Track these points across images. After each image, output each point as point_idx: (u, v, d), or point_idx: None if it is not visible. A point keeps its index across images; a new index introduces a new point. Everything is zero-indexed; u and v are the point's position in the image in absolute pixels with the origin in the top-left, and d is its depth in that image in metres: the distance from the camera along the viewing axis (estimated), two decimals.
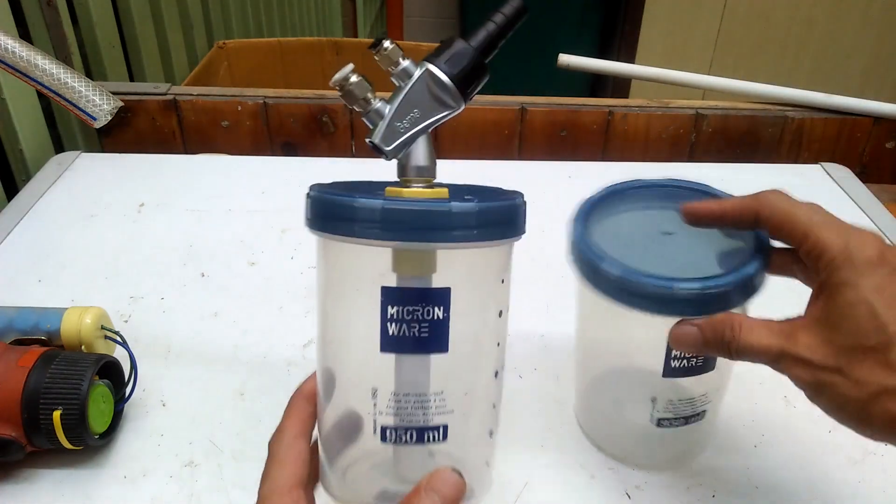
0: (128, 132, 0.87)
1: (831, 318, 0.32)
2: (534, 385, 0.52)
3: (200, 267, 0.64)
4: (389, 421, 0.31)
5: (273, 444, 0.34)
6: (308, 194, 0.31)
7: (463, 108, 0.33)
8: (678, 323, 0.36)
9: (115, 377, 0.47)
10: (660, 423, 0.44)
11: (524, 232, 0.32)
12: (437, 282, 0.31)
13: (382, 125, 0.32)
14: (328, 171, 0.78)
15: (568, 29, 2.45)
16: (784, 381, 0.53)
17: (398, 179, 0.34)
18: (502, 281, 0.34)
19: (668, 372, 0.41)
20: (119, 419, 0.47)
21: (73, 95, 0.77)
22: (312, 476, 0.34)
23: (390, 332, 0.30)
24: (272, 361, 0.54)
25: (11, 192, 0.76)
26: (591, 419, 0.49)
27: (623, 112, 0.88)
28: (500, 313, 0.34)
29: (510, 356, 0.54)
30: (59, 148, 0.87)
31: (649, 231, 0.43)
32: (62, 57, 0.86)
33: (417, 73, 0.32)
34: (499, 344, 0.34)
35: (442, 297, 0.30)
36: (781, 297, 0.61)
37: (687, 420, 0.44)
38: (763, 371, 0.54)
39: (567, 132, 0.89)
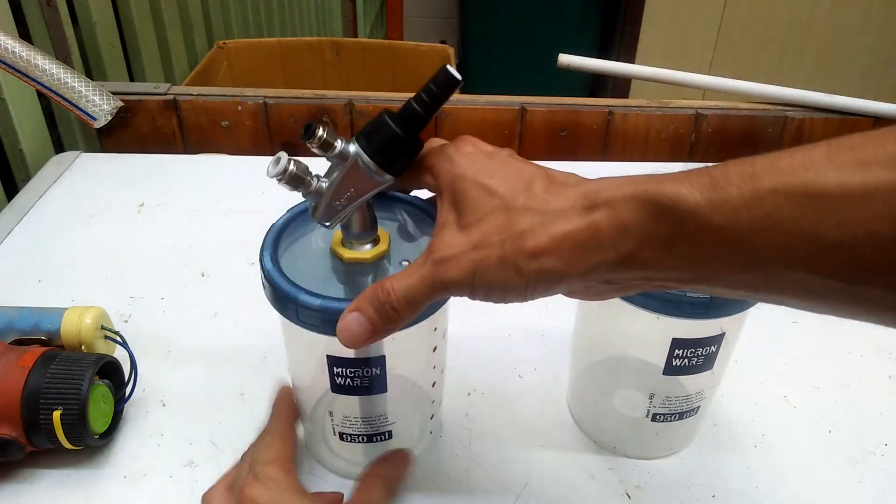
0: (128, 132, 0.87)
1: (455, 212, 0.32)
2: (534, 385, 0.52)
3: (200, 267, 0.64)
4: (345, 430, 0.42)
5: (273, 422, 0.42)
6: (261, 263, 0.36)
7: (395, 179, 0.35)
8: (341, 319, 0.32)
9: (115, 377, 0.47)
10: (655, 417, 0.44)
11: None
12: (374, 350, 0.37)
13: (322, 205, 0.35)
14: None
15: (568, 29, 2.46)
16: (784, 381, 0.53)
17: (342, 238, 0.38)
18: (435, 329, 0.40)
19: (669, 370, 0.41)
20: (119, 419, 0.47)
21: (73, 95, 0.77)
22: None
23: (337, 382, 0.38)
24: (272, 361, 0.54)
25: (11, 192, 0.76)
26: (584, 409, 0.49)
27: (623, 112, 0.88)
28: (435, 348, 0.41)
29: (510, 356, 0.55)
30: (59, 148, 0.87)
31: None
32: (62, 57, 0.86)
33: (350, 155, 0.34)
34: (434, 367, 0.42)
35: (378, 361, 0.37)
36: None
37: (682, 416, 0.44)
38: (763, 371, 0.55)
39: (567, 132, 0.89)
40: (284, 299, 0.34)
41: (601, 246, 0.27)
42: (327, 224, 0.36)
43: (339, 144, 0.34)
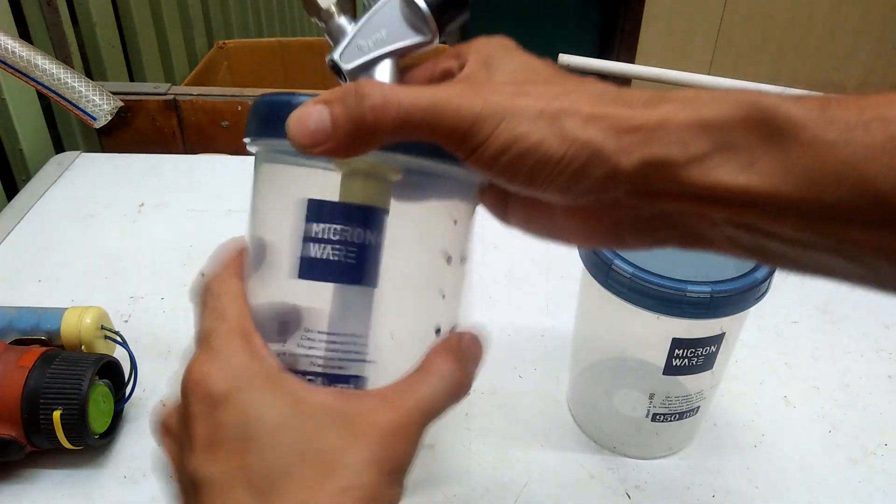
0: (128, 132, 0.87)
1: (487, 70, 0.26)
2: (534, 385, 0.52)
3: (200, 267, 0.64)
4: (305, 356, 0.27)
5: (213, 284, 0.29)
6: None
7: (436, 42, 0.29)
8: (298, 109, 0.23)
9: (115, 377, 0.47)
10: (655, 417, 0.44)
11: None
12: (374, 197, 0.27)
13: (344, 42, 0.29)
14: None
15: (568, 29, 2.46)
16: (784, 381, 0.53)
17: None
18: (455, 222, 0.29)
19: (669, 370, 0.41)
20: (119, 419, 0.47)
21: (73, 95, 0.77)
22: None
23: (312, 254, 0.26)
24: None
25: (11, 192, 0.76)
26: (584, 409, 0.49)
27: None
28: (450, 259, 0.29)
29: (510, 356, 0.55)
30: (59, 148, 0.87)
31: None
32: (62, 57, 0.86)
33: None
34: (444, 296, 0.29)
35: (375, 217, 0.26)
36: (789, 297, 0.61)
37: (682, 416, 0.44)
38: (763, 371, 0.55)
39: None
40: (278, 112, 0.24)
41: (667, 138, 0.21)
42: (347, 67, 0.28)
43: None
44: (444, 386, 0.26)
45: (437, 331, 0.29)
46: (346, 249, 0.26)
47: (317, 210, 0.26)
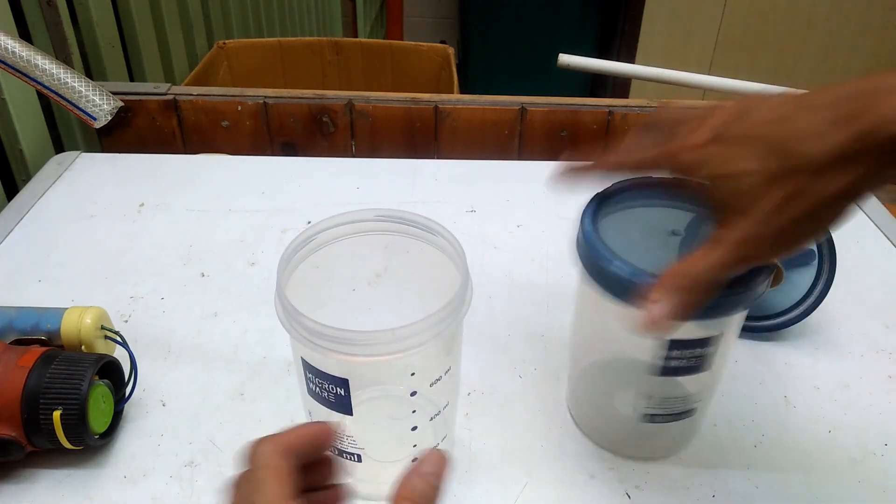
0: (128, 132, 0.87)
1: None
2: (534, 385, 0.52)
3: (200, 267, 0.64)
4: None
5: (255, 454, 0.29)
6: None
7: None
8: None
9: (115, 377, 0.47)
10: (653, 418, 0.44)
11: None
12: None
13: None
14: (328, 171, 0.78)
15: (568, 29, 2.45)
16: (784, 381, 0.53)
17: None
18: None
19: (667, 371, 0.41)
20: (119, 419, 0.47)
21: (73, 95, 0.77)
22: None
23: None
24: (272, 361, 0.54)
25: (11, 192, 0.76)
26: (583, 409, 0.49)
27: (623, 112, 0.88)
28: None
29: (510, 356, 0.55)
30: (59, 148, 0.87)
31: (656, 230, 0.43)
32: (62, 57, 0.86)
33: None
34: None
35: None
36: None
37: (678, 417, 0.44)
38: (763, 371, 0.55)
39: (567, 132, 0.89)
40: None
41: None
42: None
43: None
44: None
45: (414, 428, 0.40)
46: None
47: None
